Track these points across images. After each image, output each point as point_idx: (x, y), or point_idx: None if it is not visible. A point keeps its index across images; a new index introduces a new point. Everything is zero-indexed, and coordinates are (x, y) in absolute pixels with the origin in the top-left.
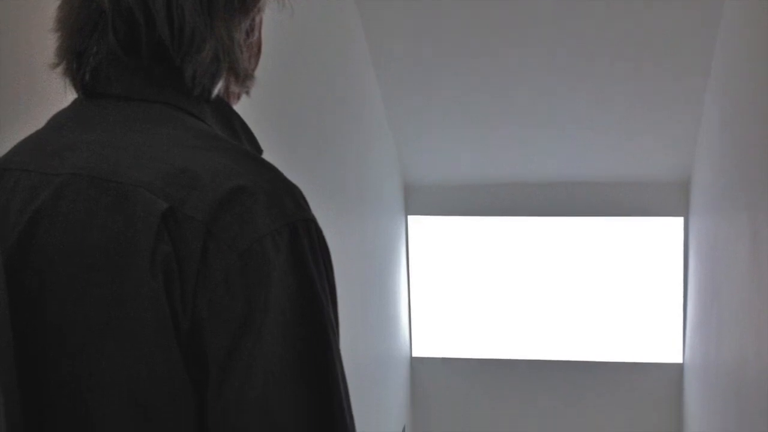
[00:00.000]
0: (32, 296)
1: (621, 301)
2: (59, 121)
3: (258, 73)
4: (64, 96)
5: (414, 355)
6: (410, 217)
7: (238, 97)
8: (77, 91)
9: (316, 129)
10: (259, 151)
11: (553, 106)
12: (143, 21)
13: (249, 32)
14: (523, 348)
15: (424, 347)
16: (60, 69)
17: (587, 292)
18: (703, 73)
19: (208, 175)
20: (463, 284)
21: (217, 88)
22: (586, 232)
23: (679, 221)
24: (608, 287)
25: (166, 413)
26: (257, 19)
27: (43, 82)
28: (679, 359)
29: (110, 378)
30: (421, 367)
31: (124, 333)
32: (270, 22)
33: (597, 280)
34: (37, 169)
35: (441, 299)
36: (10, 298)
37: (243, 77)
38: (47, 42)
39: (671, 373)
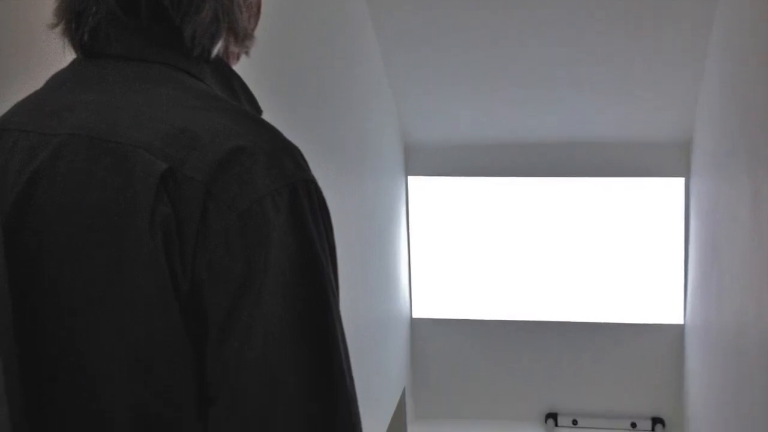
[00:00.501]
0: (31, 257)
1: (621, 262)
2: (58, 82)
3: (257, 33)
4: (63, 56)
5: (414, 316)
6: (410, 178)
7: (238, 58)
8: (76, 52)
9: (316, 89)
10: (259, 111)
11: (554, 65)
12: None
13: None
14: (524, 309)
15: (424, 308)
16: (59, 29)
17: (587, 253)
18: (705, 31)
19: (208, 136)
20: (464, 245)
21: (217, 49)
22: (587, 192)
23: (680, 182)
24: (609, 248)
25: (165, 371)
26: None
27: (42, 43)
28: (679, 320)
29: (110, 337)
30: (421, 328)
31: (123, 293)
32: None
33: (597, 241)
34: (36, 129)
35: (441, 260)
36: (8, 259)
37: (242, 37)
38: (46, 2)
39: (672, 334)
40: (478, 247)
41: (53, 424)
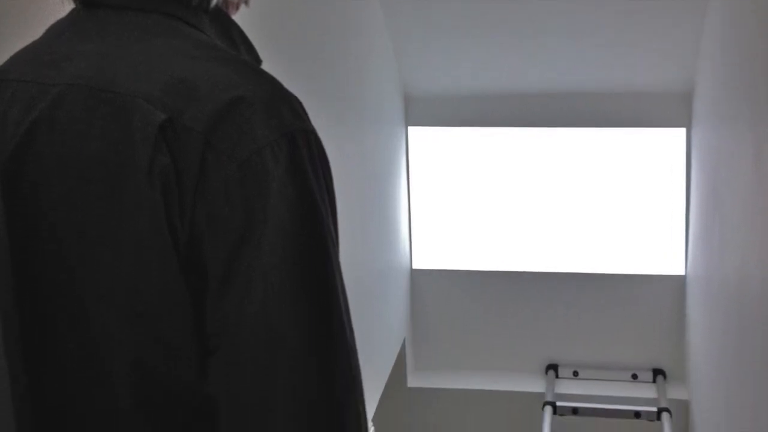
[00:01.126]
0: (29, 207)
1: (622, 213)
2: (56, 32)
3: None
4: (62, 6)
5: (414, 267)
6: (410, 128)
7: (237, 8)
8: (74, 1)
9: (315, 39)
10: (258, 61)
11: (555, 15)
12: None
13: None
14: (525, 260)
15: (425, 259)
16: None
17: (588, 204)
18: None
19: (207, 86)
20: (464, 196)
21: None
22: (588, 143)
23: (681, 132)
24: (610, 198)
25: (164, 323)
26: None
27: None
28: (681, 271)
29: (108, 289)
30: (421, 279)
31: (122, 244)
32: None
33: (598, 192)
34: (35, 79)
35: (441, 211)
36: (6, 210)
37: None
38: None
39: (673, 285)
40: (478, 198)
41: (52, 376)
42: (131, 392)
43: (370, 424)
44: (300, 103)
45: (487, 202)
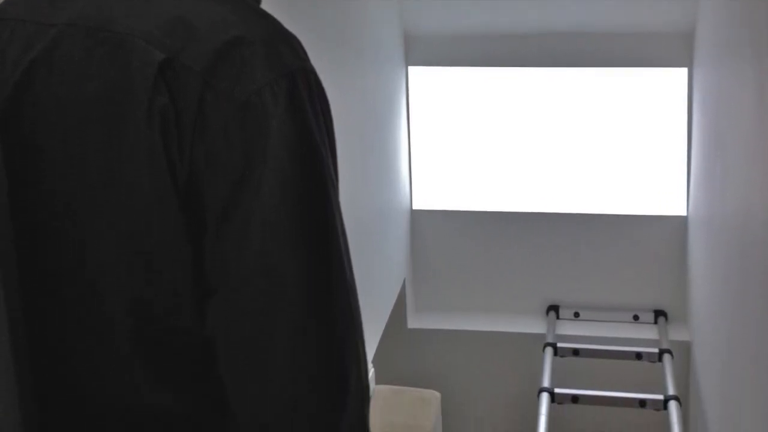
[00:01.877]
0: (28, 148)
1: (624, 153)
2: None
3: None
4: None
5: (414, 207)
6: (411, 68)
7: None
8: None
9: None
10: (257, 0)
11: None
12: None
13: None
14: (526, 200)
15: (425, 200)
16: None
17: (590, 144)
18: None
19: (206, 25)
20: (465, 136)
21: None
22: (589, 83)
23: (683, 72)
24: (611, 139)
25: (164, 265)
26: None
27: None
28: (682, 212)
29: (107, 229)
30: (421, 219)
31: (121, 183)
32: None
33: (599, 132)
34: (33, 19)
35: (442, 151)
36: (4, 151)
37: None
38: None
39: (675, 226)
40: (479, 138)
41: (51, 318)
42: (129, 333)
43: (369, 365)
44: (299, 43)
45: (487, 143)
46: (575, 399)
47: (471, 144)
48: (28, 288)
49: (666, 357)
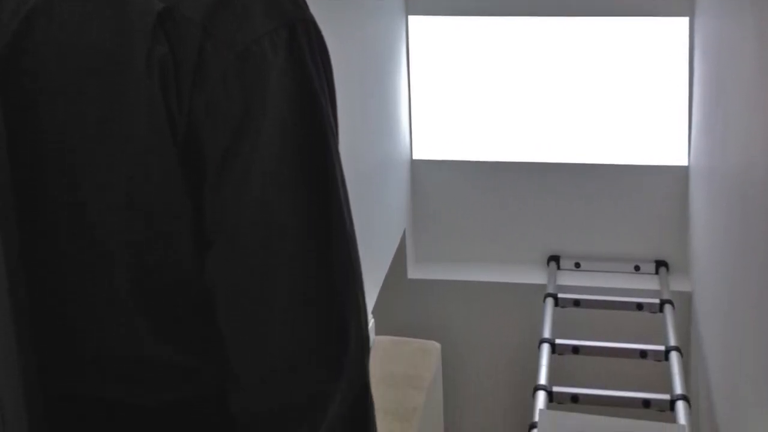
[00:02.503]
0: (27, 98)
1: (625, 103)
2: None
3: None
4: None
5: (414, 157)
6: (411, 18)
7: None
8: None
9: None
10: None
11: None
12: None
13: None
14: (527, 150)
15: (425, 149)
16: None
17: (591, 94)
18: None
19: None
20: (465, 86)
21: None
22: (590, 32)
23: (684, 21)
24: (612, 88)
25: (162, 215)
26: None
27: None
28: (684, 162)
29: (107, 180)
30: (421, 169)
31: (120, 134)
32: None
33: (601, 82)
34: None
35: (442, 101)
36: (3, 101)
37: None
38: None
39: (676, 176)
40: (479, 88)
41: (51, 268)
42: (129, 283)
43: (369, 315)
44: None
45: (488, 92)
46: (576, 350)
47: (471, 93)
48: (27, 240)
49: (667, 307)
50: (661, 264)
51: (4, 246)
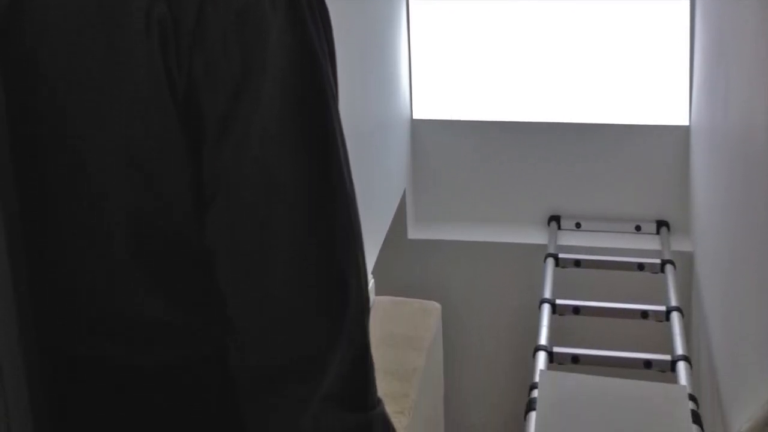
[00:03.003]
0: (25, 58)
1: (626, 63)
2: None
3: None
4: None
5: (415, 117)
6: None
7: None
8: None
9: None
10: None
11: None
12: None
13: None
14: (528, 110)
15: (425, 109)
16: None
17: (591, 53)
18: None
19: None
20: (466, 45)
21: None
22: None
23: None
24: (613, 48)
25: (162, 174)
26: None
27: None
28: (685, 122)
29: (107, 139)
30: (422, 129)
31: (119, 92)
32: None
33: (602, 41)
34: None
35: (443, 61)
36: (3, 61)
37: None
38: None
39: (677, 136)
40: (480, 47)
41: (50, 227)
42: (128, 243)
43: (369, 276)
44: None
45: (489, 52)
46: (576, 310)
47: (472, 53)
48: (26, 198)
49: (668, 268)
50: (662, 224)
51: (2, 207)
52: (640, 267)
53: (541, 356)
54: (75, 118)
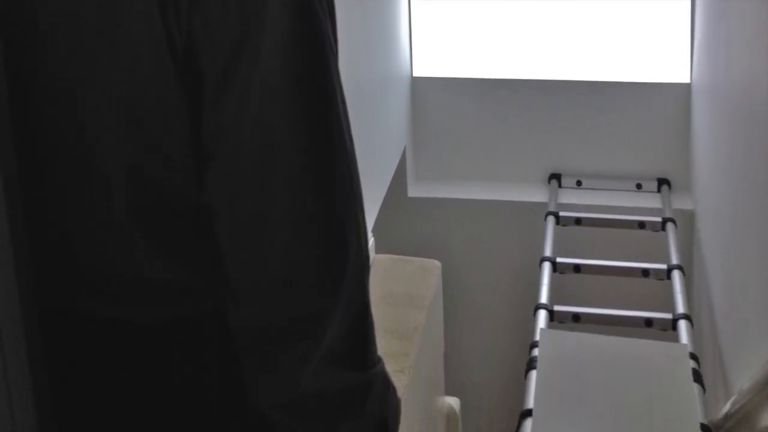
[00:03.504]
0: (26, 17)
1: (627, 20)
2: None
3: None
4: None
5: (415, 74)
6: None
7: None
8: None
9: None
10: None
11: None
12: None
13: None
14: (529, 68)
15: (426, 66)
16: None
17: (592, 9)
18: None
19: None
20: (467, 1)
21: None
22: None
23: None
24: (613, 4)
25: (160, 131)
26: None
27: None
28: (686, 79)
29: (105, 97)
30: (422, 86)
31: (118, 52)
32: None
33: None
34: None
35: (443, 17)
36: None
37: None
38: None
39: (678, 93)
40: (480, 3)
41: (48, 186)
42: (127, 201)
43: (369, 234)
44: None
45: (489, 9)
46: (577, 268)
47: (473, 10)
48: (25, 160)
49: (669, 226)
50: (663, 182)
51: (1, 169)
52: (641, 225)
53: (542, 314)
54: (74, 76)
